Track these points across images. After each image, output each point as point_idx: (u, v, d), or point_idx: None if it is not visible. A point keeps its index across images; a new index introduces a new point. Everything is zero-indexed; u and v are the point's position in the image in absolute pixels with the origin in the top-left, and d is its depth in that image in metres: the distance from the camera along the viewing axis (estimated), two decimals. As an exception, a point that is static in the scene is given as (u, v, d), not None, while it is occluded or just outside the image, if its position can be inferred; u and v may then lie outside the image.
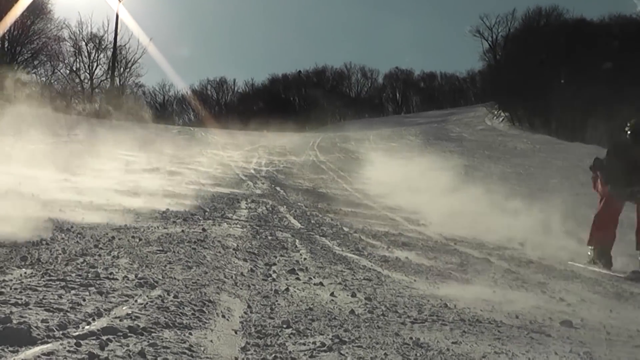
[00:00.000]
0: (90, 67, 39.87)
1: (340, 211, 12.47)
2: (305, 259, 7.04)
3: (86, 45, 39.84)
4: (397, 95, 79.44)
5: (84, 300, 3.97)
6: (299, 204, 12.99)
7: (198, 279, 5.15)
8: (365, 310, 4.83)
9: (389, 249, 8.34)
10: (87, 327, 3.44)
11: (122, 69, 41.10)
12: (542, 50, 44.62)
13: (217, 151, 24.37)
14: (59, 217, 7.61)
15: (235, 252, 6.86)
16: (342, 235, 9.21)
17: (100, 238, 6.61)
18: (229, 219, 9.68)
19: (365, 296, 5.32)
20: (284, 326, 4.12)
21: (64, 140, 18.53)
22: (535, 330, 4.57)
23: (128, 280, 4.72)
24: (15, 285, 4.14)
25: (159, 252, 6.13)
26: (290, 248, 7.68)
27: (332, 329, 4.17)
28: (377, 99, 78.62)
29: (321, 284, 5.73)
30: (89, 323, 3.52)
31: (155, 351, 3.23)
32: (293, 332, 4.01)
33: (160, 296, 4.35)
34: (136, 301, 4.15)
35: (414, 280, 6.41)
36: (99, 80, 40.28)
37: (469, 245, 9.44)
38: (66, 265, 5.02)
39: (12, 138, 16.13)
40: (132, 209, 9.34)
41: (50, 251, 5.62)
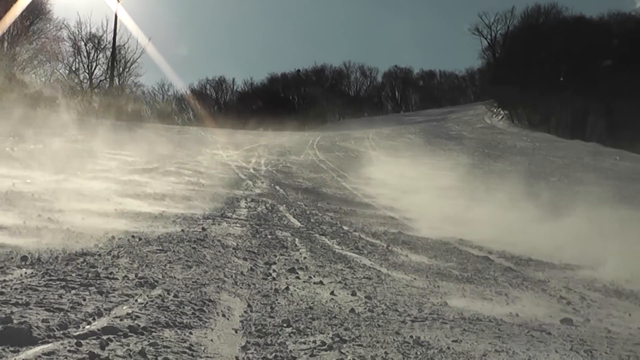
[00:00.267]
0: (90, 67, 39.86)
1: (339, 210, 12.47)
2: (305, 257, 7.05)
3: (85, 45, 39.82)
4: (396, 93, 79.31)
5: (84, 300, 3.97)
6: (298, 203, 12.99)
7: (198, 278, 5.16)
8: (365, 308, 4.84)
9: (389, 248, 8.34)
10: (87, 326, 3.44)
11: (121, 68, 41.09)
12: (541, 48, 44.56)
13: (217, 150, 24.34)
14: (58, 218, 7.61)
15: (235, 251, 6.87)
16: (341, 234, 9.22)
17: (100, 238, 6.61)
18: (228, 218, 9.68)
19: (366, 295, 5.33)
20: (284, 325, 4.13)
21: (64, 140, 18.51)
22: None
23: (128, 279, 4.72)
24: (16, 285, 4.14)
25: (158, 251, 6.13)
26: (290, 247, 7.68)
27: (332, 328, 4.18)
28: (376, 98, 78.48)
29: (321, 282, 5.74)
30: (89, 323, 3.52)
31: (155, 350, 3.24)
32: (293, 331, 4.02)
33: (160, 295, 4.35)
34: (136, 301, 4.15)
35: (414, 278, 6.42)
36: (98, 80, 40.27)
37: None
38: (66, 265, 5.02)
39: (11, 138, 16.13)
40: (132, 208, 9.34)
41: (51, 251, 5.62)
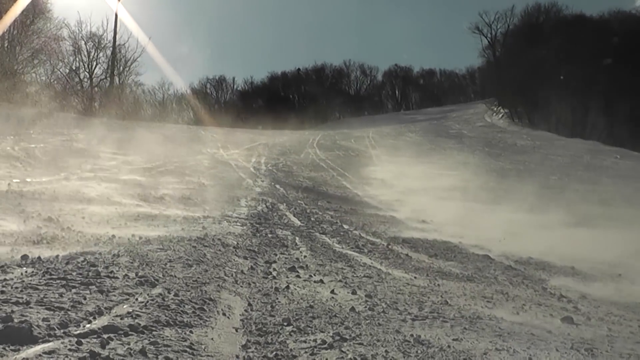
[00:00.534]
0: (90, 66, 39.76)
1: (340, 209, 12.47)
2: (305, 256, 7.05)
3: (85, 44, 39.70)
4: (397, 92, 79.33)
5: (85, 298, 3.97)
6: (298, 201, 12.99)
7: (198, 277, 5.16)
8: (365, 307, 4.84)
9: (389, 247, 8.34)
10: (88, 325, 3.44)
11: (121, 67, 41.01)
12: (542, 46, 44.53)
13: (217, 149, 24.32)
14: (59, 216, 7.61)
15: (236, 250, 6.87)
16: (342, 233, 9.22)
17: (100, 236, 6.61)
18: (228, 217, 9.68)
19: (366, 293, 5.33)
20: (285, 324, 4.13)
21: (64, 139, 18.51)
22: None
23: (129, 278, 4.72)
24: (16, 284, 4.14)
25: (159, 250, 6.13)
26: (290, 246, 7.68)
27: (332, 327, 4.18)
28: (376, 96, 78.49)
29: (321, 281, 5.74)
30: (90, 321, 3.52)
31: (156, 349, 3.24)
32: (294, 330, 4.02)
33: (160, 294, 4.35)
34: (137, 299, 4.15)
35: (415, 277, 6.42)
36: (99, 79, 40.17)
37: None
38: (67, 263, 5.02)
39: (12, 137, 16.13)
40: (132, 207, 9.34)
41: (51, 249, 5.62)
